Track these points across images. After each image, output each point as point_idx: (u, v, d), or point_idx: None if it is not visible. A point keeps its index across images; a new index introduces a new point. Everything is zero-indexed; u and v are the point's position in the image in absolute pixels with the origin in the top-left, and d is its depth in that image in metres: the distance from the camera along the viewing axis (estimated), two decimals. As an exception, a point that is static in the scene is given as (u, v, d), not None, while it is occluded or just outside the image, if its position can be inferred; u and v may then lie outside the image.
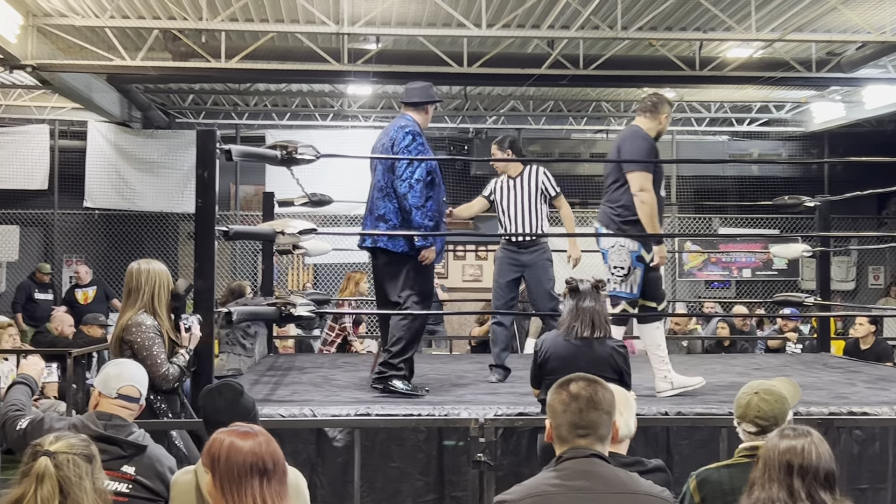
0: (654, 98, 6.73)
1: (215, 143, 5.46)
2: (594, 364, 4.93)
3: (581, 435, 3.02)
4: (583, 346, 5.12)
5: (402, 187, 6.31)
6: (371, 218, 6.55)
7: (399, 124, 6.61)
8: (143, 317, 5.15)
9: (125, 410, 4.02)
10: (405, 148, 6.43)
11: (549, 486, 2.94)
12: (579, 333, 5.14)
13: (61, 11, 11.15)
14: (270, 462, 2.99)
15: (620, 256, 6.50)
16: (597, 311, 5.21)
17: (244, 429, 3.08)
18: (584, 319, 5.17)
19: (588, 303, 5.22)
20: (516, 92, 16.21)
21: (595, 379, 3.13)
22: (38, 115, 16.29)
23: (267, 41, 12.00)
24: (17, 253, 16.37)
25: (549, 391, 3.19)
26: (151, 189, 16.36)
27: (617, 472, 3.00)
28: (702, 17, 11.73)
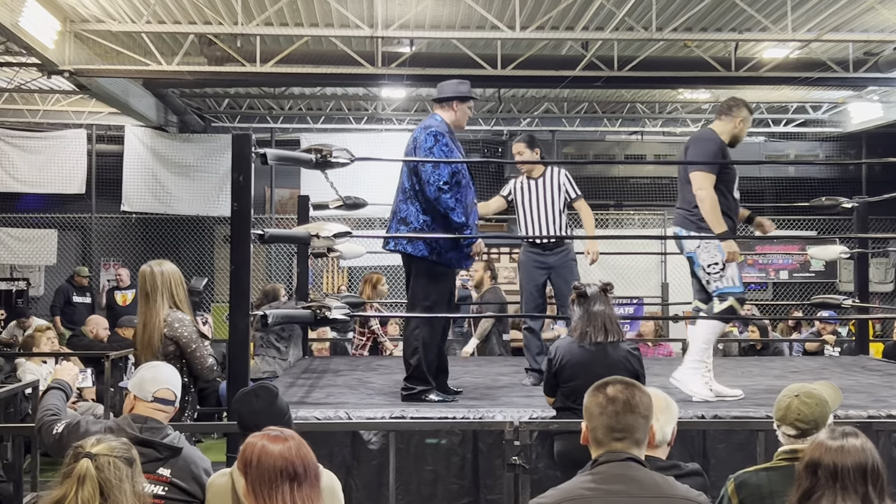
0: (730, 101, 6.70)
1: (251, 146, 5.48)
2: (610, 369, 4.83)
3: (617, 438, 3.00)
4: (598, 351, 5.12)
5: (431, 192, 6.19)
6: (395, 220, 6.46)
7: (425, 124, 6.51)
8: (179, 313, 5.33)
9: (161, 413, 4.05)
10: (428, 150, 6.31)
11: (585, 489, 2.92)
12: (593, 339, 5.13)
13: (98, 17, 11.26)
14: (301, 466, 3.00)
15: (710, 253, 6.41)
16: (608, 315, 5.21)
17: (275, 433, 3.08)
18: (596, 325, 5.16)
19: (598, 307, 5.21)
20: (550, 94, 16.18)
21: (632, 382, 3.11)
22: (76, 119, 16.46)
23: (301, 45, 12.05)
24: (55, 257, 16.53)
25: (585, 394, 3.16)
26: (187, 193, 16.47)
27: (653, 475, 2.98)
28: (737, 18, 11.65)
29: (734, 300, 6.39)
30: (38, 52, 10.73)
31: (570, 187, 7.55)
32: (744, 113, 6.58)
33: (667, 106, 17.25)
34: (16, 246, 16.40)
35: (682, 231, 6.49)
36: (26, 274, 16.68)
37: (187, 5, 11.10)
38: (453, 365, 8.89)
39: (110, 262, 16.98)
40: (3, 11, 9.52)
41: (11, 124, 16.49)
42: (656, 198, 17.87)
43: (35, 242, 16.46)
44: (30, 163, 16.24)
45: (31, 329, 11.08)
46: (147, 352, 5.34)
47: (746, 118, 6.59)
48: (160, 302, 5.33)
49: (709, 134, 6.55)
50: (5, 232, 16.41)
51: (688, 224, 6.46)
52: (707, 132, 6.58)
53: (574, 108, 17.25)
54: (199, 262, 16.94)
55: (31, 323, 12.30)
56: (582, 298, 5.26)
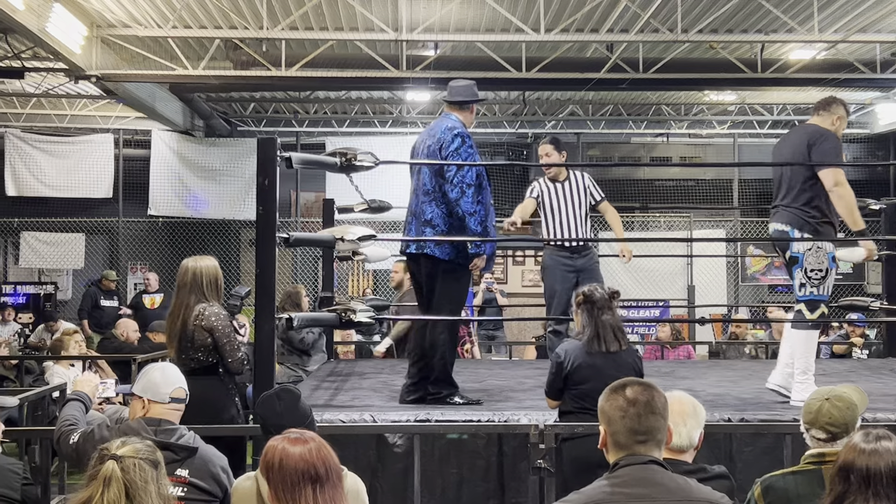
0: (828, 98, 6.61)
1: (276, 150, 5.50)
2: (621, 372, 4.91)
3: (640, 441, 2.97)
4: (610, 357, 5.16)
5: (454, 192, 6.15)
6: (417, 222, 6.40)
7: (446, 125, 6.41)
8: (216, 307, 5.53)
9: (175, 413, 4.09)
10: (454, 151, 6.24)
11: (608, 493, 2.90)
12: (606, 349, 5.18)
13: (125, 22, 11.33)
14: (322, 468, 3.00)
15: (818, 258, 6.31)
16: (616, 324, 5.26)
17: (295, 435, 3.09)
18: (607, 334, 5.20)
19: (607, 316, 5.24)
20: (575, 96, 16.15)
21: (648, 383, 3.09)
22: (103, 124, 16.57)
23: (326, 49, 12.08)
24: (82, 260, 16.64)
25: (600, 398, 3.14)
26: (214, 196, 16.54)
27: (675, 478, 2.96)
28: (763, 19, 11.59)
29: (824, 307, 6.32)
30: (65, 57, 10.81)
31: (595, 190, 7.55)
32: (841, 111, 6.46)
33: (692, 108, 17.18)
34: (44, 250, 16.52)
35: (794, 231, 6.33)
36: (54, 278, 16.81)
37: (213, 10, 11.16)
38: (478, 367, 8.90)
39: (137, 265, 17.08)
40: (31, 17, 9.60)
41: (39, 129, 16.62)
42: (682, 200, 17.81)
43: (63, 246, 16.57)
44: (57, 167, 16.36)
45: (58, 332, 11.18)
46: (174, 342, 5.53)
47: (843, 117, 6.46)
48: (195, 295, 5.53)
49: (821, 129, 6.40)
50: (34, 236, 16.54)
51: (804, 225, 6.27)
52: (817, 128, 6.41)
53: (599, 111, 17.21)
54: (224, 265, 16.91)
55: (59, 326, 12.39)
56: (589, 305, 5.28)
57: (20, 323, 14.93)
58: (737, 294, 17.38)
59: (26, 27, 9.60)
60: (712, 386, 7.23)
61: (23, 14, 9.35)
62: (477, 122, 17.32)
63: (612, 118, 17.49)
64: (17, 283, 16.41)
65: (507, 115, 17.17)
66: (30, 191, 16.29)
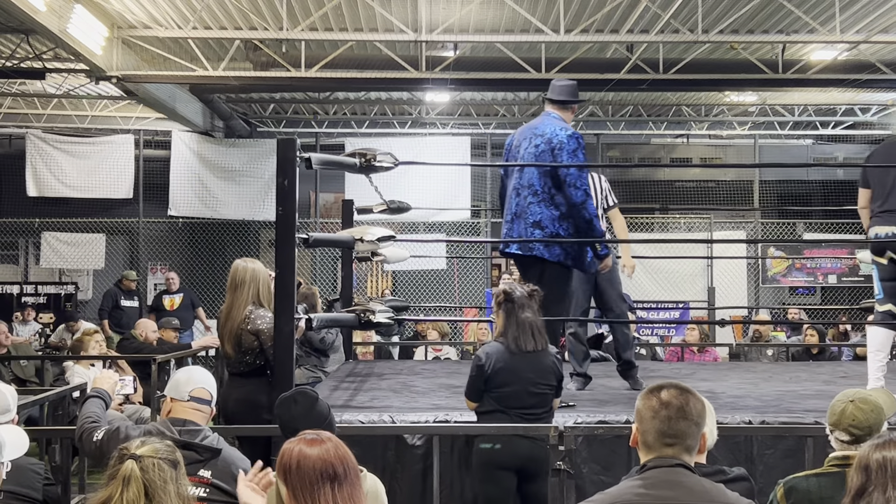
0: None
1: (295, 151, 5.50)
2: (540, 374, 5.14)
3: (668, 444, 2.95)
4: (529, 357, 5.17)
5: (578, 195, 6.12)
6: (522, 223, 6.30)
7: (557, 126, 6.34)
8: (262, 310, 5.65)
9: (198, 413, 4.08)
10: (572, 152, 6.19)
11: (633, 494, 2.88)
12: (525, 347, 5.17)
13: (145, 23, 11.37)
14: (340, 467, 2.99)
15: None
16: (535, 323, 5.24)
17: (311, 436, 3.08)
18: (525, 333, 5.19)
19: (527, 314, 5.23)
20: (595, 97, 16.10)
21: (687, 387, 3.06)
22: (123, 125, 16.64)
23: (346, 50, 12.10)
24: (103, 261, 16.71)
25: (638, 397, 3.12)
26: (233, 197, 16.59)
27: (702, 482, 2.93)
28: (785, 20, 11.53)
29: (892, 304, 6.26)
30: (86, 58, 10.86)
31: (610, 195, 7.53)
32: None
33: (713, 108, 17.12)
34: (65, 250, 16.59)
35: None
36: (75, 278, 16.89)
37: (233, 11, 11.18)
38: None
39: (157, 265, 17.14)
40: (52, 18, 9.64)
41: (60, 130, 16.69)
42: (702, 201, 17.74)
43: (83, 247, 16.64)
44: (78, 168, 16.42)
45: (79, 332, 11.22)
46: (228, 343, 5.70)
47: None
48: (246, 297, 5.68)
49: None
50: (54, 236, 16.61)
51: None
52: None
53: (619, 112, 17.17)
54: (244, 266, 17.01)
55: (80, 326, 12.44)
56: (509, 304, 5.27)
57: (41, 323, 15.01)
58: (757, 296, 17.30)
59: (48, 28, 9.64)
60: (733, 388, 7.20)
61: (44, 15, 9.39)
62: (495, 123, 17.41)
63: (631, 119, 17.45)
64: (38, 284, 16.49)
65: (527, 116, 17.13)
66: (51, 191, 16.36)
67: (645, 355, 11.28)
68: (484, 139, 17.53)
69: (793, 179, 17.97)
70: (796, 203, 17.89)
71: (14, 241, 17.42)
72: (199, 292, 15.97)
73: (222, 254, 16.85)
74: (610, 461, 5.39)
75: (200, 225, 17.01)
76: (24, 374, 10.14)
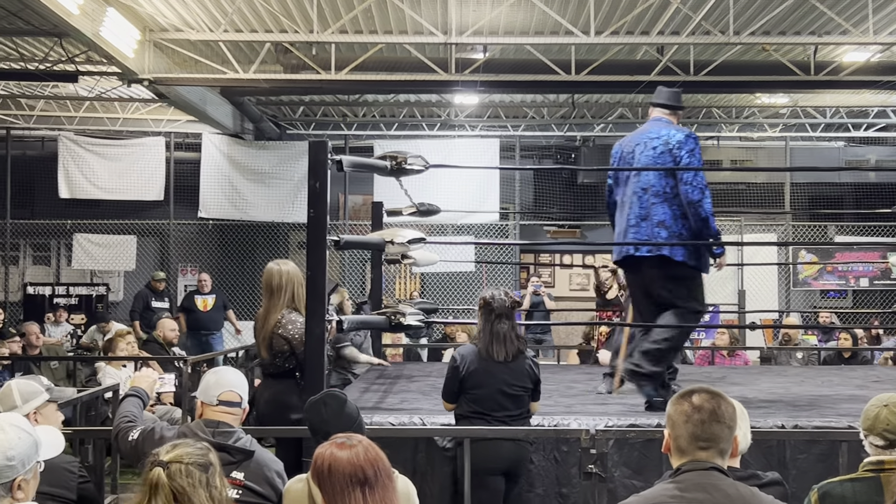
0: None
1: (327, 154, 5.51)
2: (515, 376, 5.26)
3: (702, 447, 2.94)
4: (503, 363, 5.30)
5: (695, 194, 6.16)
6: (647, 224, 6.32)
7: (671, 128, 6.46)
8: (295, 314, 5.70)
9: (229, 416, 4.08)
10: (690, 151, 6.26)
11: (668, 497, 2.87)
12: (496, 357, 5.31)
13: (177, 26, 11.43)
14: (371, 470, 2.99)
15: None
16: (511, 333, 5.36)
17: (342, 439, 3.09)
18: (497, 342, 5.33)
19: (503, 325, 5.36)
20: (625, 99, 16.07)
21: (718, 391, 3.05)
22: (155, 127, 16.74)
23: (376, 52, 12.12)
24: (134, 262, 16.80)
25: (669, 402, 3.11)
26: (263, 199, 16.64)
27: (737, 485, 2.92)
28: (817, 21, 11.46)
29: None
30: (118, 61, 10.93)
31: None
32: None
33: (744, 111, 17.02)
34: (96, 252, 16.71)
35: None
36: (106, 279, 17.00)
37: (264, 14, 11.23)
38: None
39: (187, 267, 17.22)
40: (85, 21, 9.72)
41: (92, 132, 16.82)
42: (733, 204, 17.62)
43: (115, 248, 16.75)
44: (110, 170, 16.52)
45: (110, 333, 11.29)
46: (262, 346, 5.78)
47: None
48: (281, 301, 5.74)
49: None
50: (86, 238, 16.73)
51: None
52: None
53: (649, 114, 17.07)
54: (273, 268, 17.07)
55: (111, 327, 12.52)
56: (487, 311, 5.41)
57: (72, 324, 15.12)
58: (788, 299, 17.18)
59: (80, 31, 9.72)
60: (764, 392, 7.15)
61: (77, 19, 9.47)
62: (524, 125, 17.38)
63: (661, 121, 17.34)
64: (70, 285, 16.62)
65: (556, 118, 17.11)
66: (82, 193, 16.47)
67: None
68: (513, 141, 17.50)
69: (824, 182, 17.83)
70: (828, 206, 17.74)
71: (46, 242, 17.56)
72: (229, 294, 16.04)
73: (252, 255, 16.92)
74: (641, 465, 5.37)
75: (230, 227, 17.08)
76: (54, 377, 10.20)
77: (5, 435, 2.92)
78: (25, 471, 2.96)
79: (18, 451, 2.91)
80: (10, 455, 2.89)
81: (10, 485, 2.92)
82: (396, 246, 6.10)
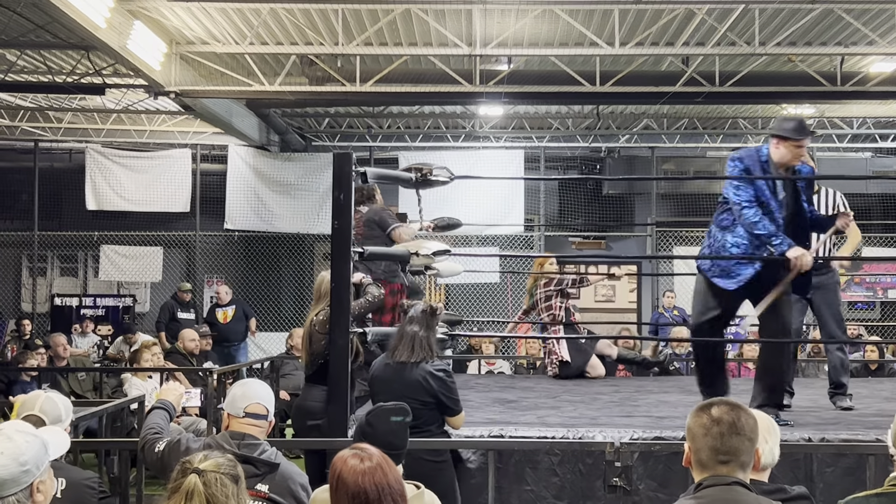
0: None
1: (351, 165, 5.53)
2: (407, 387, 5.25)
3: (722, 461, 2.92)
4: (399, 369, 5.35)
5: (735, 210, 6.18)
6: None
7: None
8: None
9: (255, 428, 4.09)
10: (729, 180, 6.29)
11: (691, 513, 2.86)
12: (398, 357, 5.37)
13: (203, 39, 11.50)
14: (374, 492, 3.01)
15: None
16: (420, 337, 5.40)
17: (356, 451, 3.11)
18: (405, 344, 5.40)
19: (413, 327, 5.43)
20: (650, 110, 16.02)
21: (737, 403, 3.03)
22: (181, 139, 16.82)
23: (400, 64, 12.15)
24: (160, 273, 16.90)
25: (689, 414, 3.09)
26: (288, 211, 16.70)
27: (760, 500, 2.90)
28: (843, 31, 11.39)
29: None
30: (145, 73, 11.00)
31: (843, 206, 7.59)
32: None
33: (770, 121, 16.93)
34: (123, 263, 16.81)
35: None
36: (132, 290, 17.10)
37: (289, 27, 11.28)
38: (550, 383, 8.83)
39: (213, 278, 17.30)
40: (113, 35, 9.79)
41: (119, 144, 16.93)
42: (759, 215, 17.52)
43: (141, 260, 16.85)
44: (136, 182, 16.63)
45: (137, 344, 11.36)
46: (304, 349, 6.05)
47: None
48: (321, 304, 5.96)
49: None
50: (113, 249, 16.84)
51: None
52: None
53: (674, 124, 17.04)
54: (298, 279, 17.16)
55: (137, 338, 12.59)
56: (403, 315, 5.65)
57: (99, 335, 15.21)
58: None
59: (108, 44, 9.79)
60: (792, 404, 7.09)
61: (105, 32, 9.54)
62: (549, 136, 17.37)
63: (687, 132, 17.31)
64: (97, 296, 16.72)
65: (581, 129, 17.09)
66: (109, 205, 16.58)
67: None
68: (538, 152, 17.48)
69: (851, 193, 17.60)
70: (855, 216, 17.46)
71: (74, 254, 17.68)
72: (255, 305, 16.09)
73: (277, 267, 16.98)
74: (667, 478, 5.34)
75: (256, 238, 17.14)
76: (81, 389, 10.27)
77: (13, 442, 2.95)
78: (40, 473, 2.99)
79: (30, 455, 2.94)
80: (23, 461, 2.92)
81: (30, 489, 2.95)
82: (421, 258, 6.12)
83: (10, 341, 14.15)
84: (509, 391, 8.03)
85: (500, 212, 16.10)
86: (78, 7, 8.80)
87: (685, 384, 8.54)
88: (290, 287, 17.26)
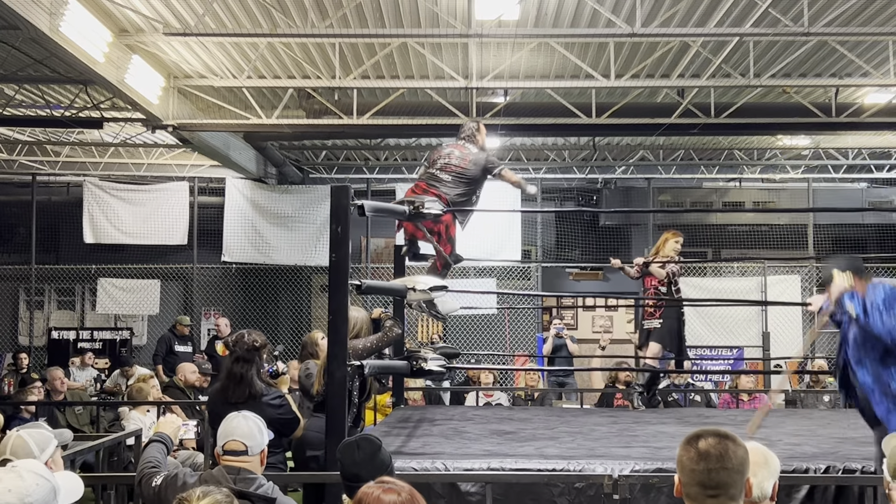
0: None
1: (349, 198, 5.55)
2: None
3: (711, 496, 2.90)
4: (238, 406, 5.31)
5: None
6: None
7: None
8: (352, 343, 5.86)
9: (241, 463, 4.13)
10: None
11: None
12: (229, 398, 5.52)
13: (201, 73, 11.57)
14: None
15: None
16: (246, 375, 5.58)
17: (389, 485, 3.09)
18: (234, 383, 5.59)
19: (240, 367, 5.61)
20: (646, 141, 16.09)
21: (727, 434, 3.01)
22: (179, 172, 16.87)
23: (397, 97, 12.21)
24: (157, 306, 16.87)
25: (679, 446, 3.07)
26: (286, 243, 16.71)
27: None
28: (837, 63, 11.47)
29: None
30: (142, 107, 11.05)
31: None
32: None
33: (765, 152, 17.01)
34: (120, 296, 16.79)
35: None
36: (130, 323, 17.07)
37: (287, 60, 11.35)
38: (548, 414, 8.81)
39: (211, 311, 17.28)
40: (111, 69, 9.84)
41: (117, 178, 16.97)
42: (755, 245, 17.56)
43: (139, 293, 16.83)
44: (134, 215, 16.66)
45: (134, 378, 11.32)
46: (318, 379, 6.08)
47: None
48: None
49: None
50: (110, 282, 16.83)
51: None
52: None
53: (670, 156, 17.11)
54: (296, 311, 17.14)
55: (135, 372, 12.55)
56: (231, 356, 5.70)
57: (96, 368, 15.15)
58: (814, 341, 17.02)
59: (106, 78, 9.84)
60: (790, 435, 7.08)
61: (103, 66, 9.59)
62: (546, 168, 17.41)
63: (683, 163, 17.39)
64: (94, 329, 16.69)
65: (577, 161, 17.15)
66: (107, 238, 16.60)
67: (699, 402, 11.15)
68: (534, 184, 17.49)
69: (847, 224, 17.75)
70: (851, 247, 17.63)
71: (71, 287, 17.67)
72: (252, 337, 16.03)
73: (275, 299, 16.96)
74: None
75: (253, 270, 17.15)
76: (78, 422, 10.21)
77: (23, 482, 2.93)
78: None
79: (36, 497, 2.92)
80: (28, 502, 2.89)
81: None
82: (418, 293, 6.12)
83: (7, 375, 14.08)
84: (507, 422, 8.00)
85: (498, 243, 16.10)
86: (76, 42, 8.85)
87: (683, 415, 8.52)
88: (287, 319, 17.24)
